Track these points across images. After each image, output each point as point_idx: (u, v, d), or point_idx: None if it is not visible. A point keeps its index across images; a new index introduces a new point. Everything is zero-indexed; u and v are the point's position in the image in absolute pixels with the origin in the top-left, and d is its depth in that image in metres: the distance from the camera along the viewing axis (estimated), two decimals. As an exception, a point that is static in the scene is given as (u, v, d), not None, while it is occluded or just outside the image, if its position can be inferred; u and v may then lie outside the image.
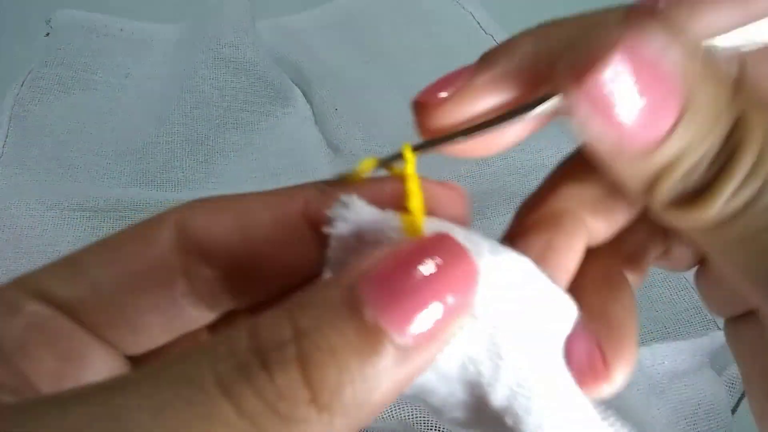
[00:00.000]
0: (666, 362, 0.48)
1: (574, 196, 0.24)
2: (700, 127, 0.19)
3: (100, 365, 0.24)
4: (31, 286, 0.23)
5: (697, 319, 0.55)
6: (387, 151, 0.22)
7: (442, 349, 0.19)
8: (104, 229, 0.61)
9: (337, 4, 0.87)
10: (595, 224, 0.24)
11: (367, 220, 0.21)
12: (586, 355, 0.23)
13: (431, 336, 0.17)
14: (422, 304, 0.17)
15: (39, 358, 0.23)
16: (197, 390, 0.16)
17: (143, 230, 0.24)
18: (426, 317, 0.17)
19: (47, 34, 0.77)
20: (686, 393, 0.49)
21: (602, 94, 0.18)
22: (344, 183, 0.23)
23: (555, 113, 0.21)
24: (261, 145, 0.71)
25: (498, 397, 0.21)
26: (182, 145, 0.69)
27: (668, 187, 0.19)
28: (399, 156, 0.22)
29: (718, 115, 0.19)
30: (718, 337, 0.50)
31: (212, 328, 0.26)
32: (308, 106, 0.75)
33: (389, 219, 0.21)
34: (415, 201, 0.21)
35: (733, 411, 0.51)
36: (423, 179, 0.22)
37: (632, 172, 0.20)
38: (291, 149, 0.71)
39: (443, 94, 0.22)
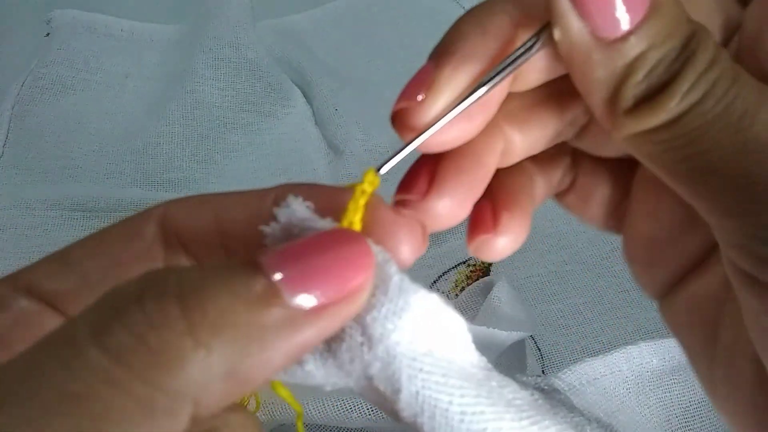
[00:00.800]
0: (654, 360, 0.48)
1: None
2: (663, 28, 0.21)
3: None
4: (22, 282, 0.23)
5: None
6: (387, 150, 0.23)
7: (331, 327, 0.19)
8: (104, 229, 0.61)
9: (337, 4, 0.87)
10: (511, 133, 0.26)
11: (301, 224, 0.21)
12: (479, 212, 0.26)
13: (320, 310, 0.18)
14: (315, 271, 0.18)
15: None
16: (65, 343, 0.16)
17: (129, 225, 0.25)
18: (318, 289, 0.18)
19: (47, 34, 0.77)
20: (676, 390, 0.49)
21: None
22: (315, 186, 0.23)
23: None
24: (261, 146, 0.71)
25: (406, 414, 0.22)
26: (182, 145, 0.69)
27: (632, 87, 0.21)
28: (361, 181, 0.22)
29: (678, 22, 0.21)
30: None
31: None
32: (308, 107, 0.75)
33: (324, 226, 0.21)
34: (353, 216, 0.21)
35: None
36: (383, 205, 0.23)
37: (601, 72, 0.21)
38: (291, 149, 0.71)
39: (420, 96, 0.23)
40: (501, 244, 0.26)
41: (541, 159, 0.28)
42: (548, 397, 0.25)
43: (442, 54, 0.24)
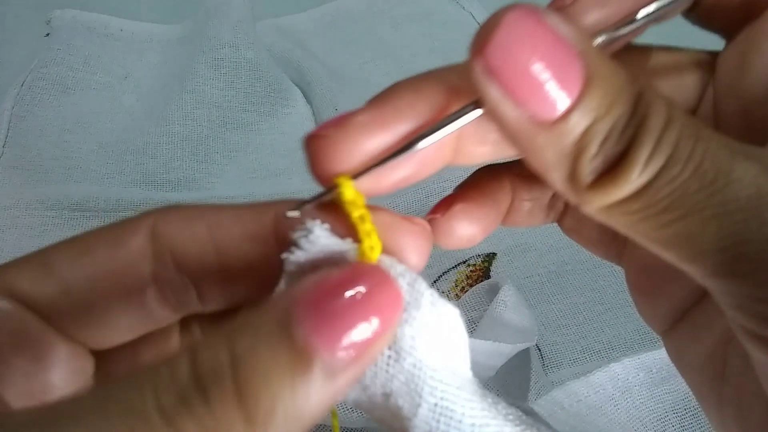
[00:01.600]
0: (641, 374, 0.48)
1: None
2: (604, 97, 0.19)
3: (66, 364, 0.24)
4: (1, 282, 0.23)
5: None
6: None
7: (365, 369, 0.20)
8: (104, 229, 0.61)
9: (336, 4, 0.87)
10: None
11: (324, 249, 0.21)
12: (442, 201, 0.26)
13: (357, 356, 0.19)
14: (350, 326, 0.18)
15: (6, 359, 0.23)
16: (141, 420, 0.17)
17: (115, 233, 0.24)
18: (353, 339, 0.18)
19: (47, 34, 0.77)
20: (669, 399, 0.49)
21: (503, 60, 0.19)
22: (319, 203, 0.23)
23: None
24: (261, 145, 0.71)
25: (419, 428, 0.22)
26: (182, 145, 0.69)
27: (587, 163, 0.20)
28: (332, 188, 0.22)
29: (621, 87, 0.20)
30: None
31: (183, 323, 0.26)
32: (308, 106, 0.75)
33: (346, 250, 0.21)
34: (368, 240, 0.21)
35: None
36: (389, 213, 0.23)
37: (551, 156, 0.20)
38: (291, 149, 0.70)
39: (333, 130, 0.22)
40: (447, 227, 0.26)
41: (529, 178, 0.28)
42: (530, 418, 0.25)
43: (370, 102, 0.23)
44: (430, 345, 0.22)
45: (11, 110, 0.69)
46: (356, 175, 0.21)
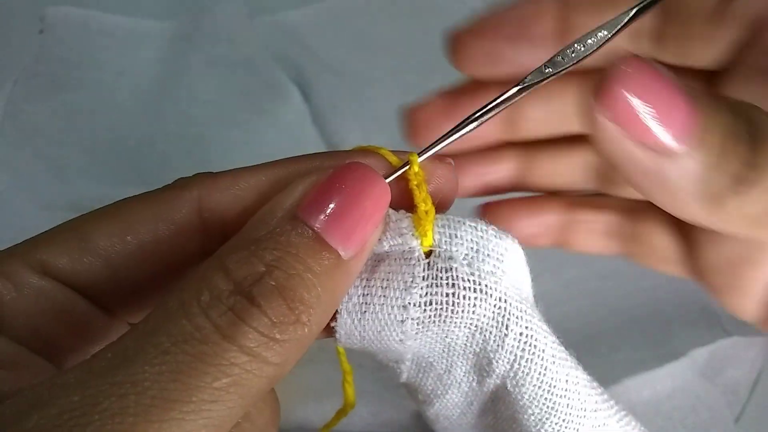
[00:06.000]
0: (645, 392, 0.48)
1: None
2: (719, 132, 0.21)
3: (110, 338, 0.24)
4: (31, 258, 0.23)
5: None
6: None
7: (366, 257, 0.23)
8: (98, 229, 0.60)
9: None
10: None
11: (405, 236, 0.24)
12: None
13: (364, 246, 0.22)
14: (354, 224, 0.21)
15: (54, 339, 0.23)
16: (202, 343, 0.18)
17: (157, 206, 0.25)
18: (359, 232, 0.21)
19: (41, 31, 0.76)
20: (677, 415, 0.48)
21: (625, 105, 0.21)
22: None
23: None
24: (258, 144, 0.70)
25: (501, 362, 0.24)
26: (177, 143, 0.68)
27: (723, 176, 0.21)
28: (406, 164, 0.25)
29: (731, 123, 0.21)
30: (699, 354, 0.49)
31: None
32: (306, 104, 0.74)
33: (400, 221, 0.24)
34: (424, 205, 0.24)
35: (737, 419, 0.50)
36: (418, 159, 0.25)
37: (681, 181, 0.21)
38: (289, 147, 0.70)
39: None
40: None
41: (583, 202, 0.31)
42: None
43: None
44: (509, 276, 0.24)
45: (3, 108, 0.68)
46: (421, 153, 0.25)
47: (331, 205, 0.21)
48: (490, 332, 0.24)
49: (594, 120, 0.22)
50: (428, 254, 0.24)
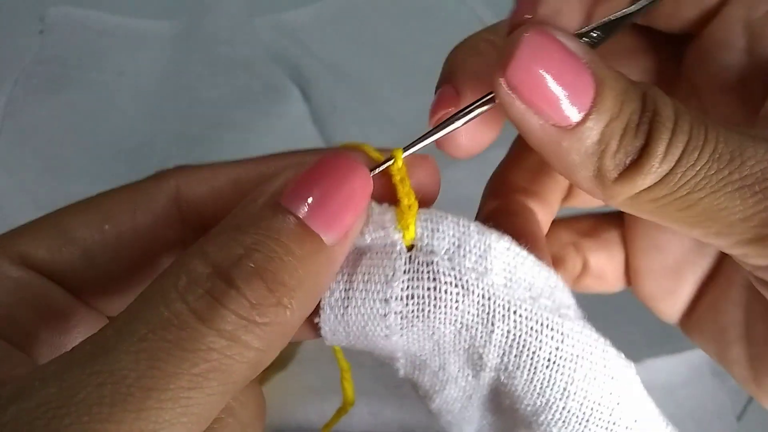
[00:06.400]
0: (662, 376, 0.48)
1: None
2: (616, 98, 0.21)
3: (87, 331, 0.24)
4: (10, 250, 0.23)
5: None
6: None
7: (350, 245, 0.23)
8: (98, 229, 0.60)
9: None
10: None
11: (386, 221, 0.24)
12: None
13: (347, 233, 0.21)
14: (337, 209, 0.21)
15: (31, 331, 0.22)
16: (179, 329, 0.18)
17: (135, 196, 0.25)
18: (342, 218, 0.21)
19: (41, 31, 0.76)
20: (687, 405, 0.48)
21: (522, 77, 0.21)
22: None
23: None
24: (257, 145, 0.70)
25: (491, 356, 0.24)
26: (177, 144, 0.68)
27: (610, 158, 0.22)
28: (390, 159, 0.25)
29: (627, 88, 0.22)
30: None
31: None
32: (306, 105, 0.74)
33: (383, 214, 0.24)
34: (407, 199, 0.24)
35: (739, 417, 0.50)
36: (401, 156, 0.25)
37: (576, 157, 0.22)
38: (288, 148, 0.69)
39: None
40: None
41: (554, 255, 0.32)
42: None
43: (446, 75, 0.26)
44: (494, 273, 0.24)
45: (4, 108, 0.68)
46: (406, 148, 0.25)
47: (314, 193, 0.21)
48: (476, 329, 0.24)
49: (496, 89, 0.22)
50: (410, 248, 0.24)
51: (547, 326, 0.24)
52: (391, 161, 0.25)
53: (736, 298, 0.28)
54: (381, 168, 0.24)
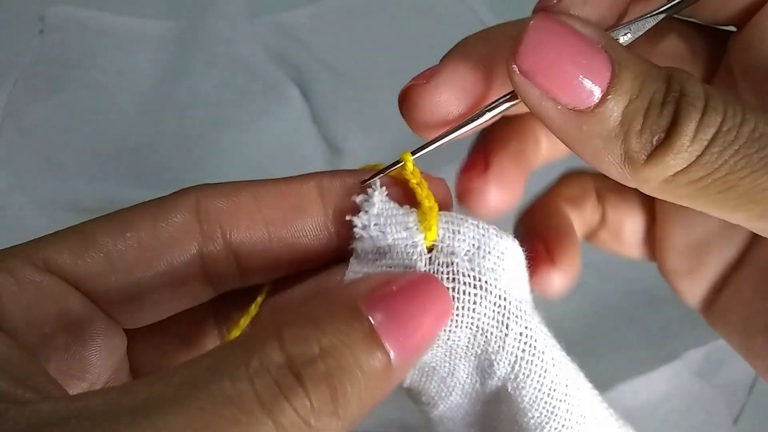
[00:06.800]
0: (641, 396, 0.48)
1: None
2: (635, 78, 0.21)
3: (103, 341, 0.24)
4: (34, 255, 0.23)
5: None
6: (386, 149, 0.25)
7: (420, 359, 0.22)
8: (98, 229, 0.60)
9: None
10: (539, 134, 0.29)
11: (387, 213, 0.24)
12: (535, 252, 0.28)
13: (417, 355, 0.21)
14: (412, 332, 0.20)
15: (47, 335, 0.23)
16: (239, 410, 0.18)
17: (156, 209, 0.25)
18: (414, 342, 0.21)
19: (41, 31, 0.76)
20: (672, 418, 0.48)
21: (535, 63, 0.21)
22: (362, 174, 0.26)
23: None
24: (258, 144, 0.70)
25: (502, 364, 0.24)
26: (177, 144, 0.68)
27: (636, 140, 0.21)
28: (399, 162, 0.25)
29: (648, 70, 0.21)
30: (694, 356, 0.49)
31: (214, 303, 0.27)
32: (306, 104, 0.74)
33: (407, 215, 0.24)
34: (428, 201, 0.24)
35: (736, 420, 0.50)
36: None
37: (600, 142, 0.21)
38: (288, 148, 0.70)
39: (422, 81, 0.25)
40: (558, 277, 0.28)
41: (572, 198, 0.31)
42: None
43: (447, 54, 0.26)
44: (508, 275, 0.24)
45: (3, 108, 0.68)
46: (415, 152, 0.25)
47: (394, 307, 0.21)
48: (491, 333, 0.24)
49: (510, 77, 0.22)
50: (430, 250, 0.25)
51: (544, 330, 0.25)
52: (400, 164, 0.25)
53: (764, 288, 0.28)
54: (389, 170, 0.25)
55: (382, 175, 0.25)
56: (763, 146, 0.21)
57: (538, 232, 0.28)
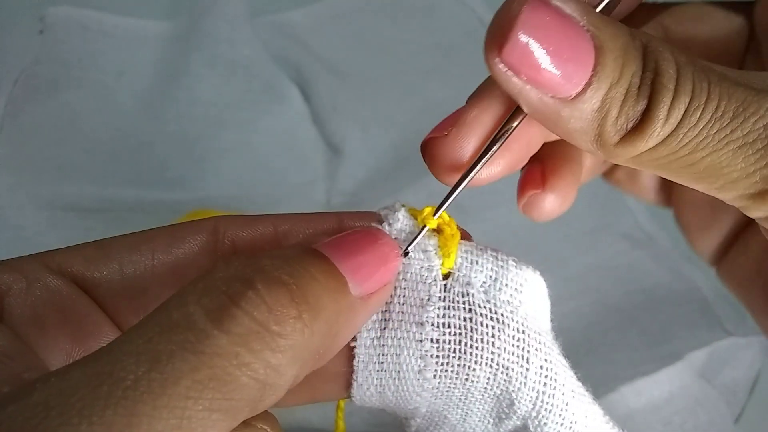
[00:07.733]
0: (642, 399, 0.47)
1: None
2: (615, 64, 0.21)
3: None
4: (50, 260, 0.23)
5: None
6: (386, 149, 0.25)
7: (373, 312, 0.23)
8: (98, 229, 0.60)
9: None
10: None
11: (408, 230, 0.25)
12: (530, 173, 0.28)
13: (370, 297, 0.21)
14: (365, 263, 0.21)
15: (54, 336, 0.23)
16: (187, 330, 0.17)
17: (174, 231, 0.25)
18: (370, 273, 0.21)
19: (41, 32, 0.76)
20: (676, 420, 0.48)
21: (520, 58, 0.20)
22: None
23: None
24: (258, 144, 0.70)
25: (524, 402, 0.23)
26: (177, 144, 0.68)
27: (611, 125, 0.22)
28: (423, 228, 0.25)
29: (626, 49, 0.21)
30: (696, 356, 0.49)
31: None
32: (306, 105, 0.74)
33: (427, 238, 0.24)
34: (449, 229, 0.25)
35: (737, 420, 0.50)
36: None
37: (577, 124, 0.22)
38: (289, 148, 0.70)
39: (446, 132, 0.25)
40: (548, 201, 0.28)
41: None
42: None
43: (471, 97, 0.25)
44: (526, 307, 0.24)
45: (4, 108, 0.68)
46: (436, 211, 0.25)
47: (344, 244, 0.21)
48: (513, 369, 0.23)
49: (491, 68, 0.21)
50: (446, 277, 0.24)
51: (563, 362, 0.24)
52: (425, 229, 0.25)
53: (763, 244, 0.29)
54: (417, 239, 0.25)
55: (416, 240, 0.25)
56: (724, 125, 0.21)
57: (540, 155, 0.28)
